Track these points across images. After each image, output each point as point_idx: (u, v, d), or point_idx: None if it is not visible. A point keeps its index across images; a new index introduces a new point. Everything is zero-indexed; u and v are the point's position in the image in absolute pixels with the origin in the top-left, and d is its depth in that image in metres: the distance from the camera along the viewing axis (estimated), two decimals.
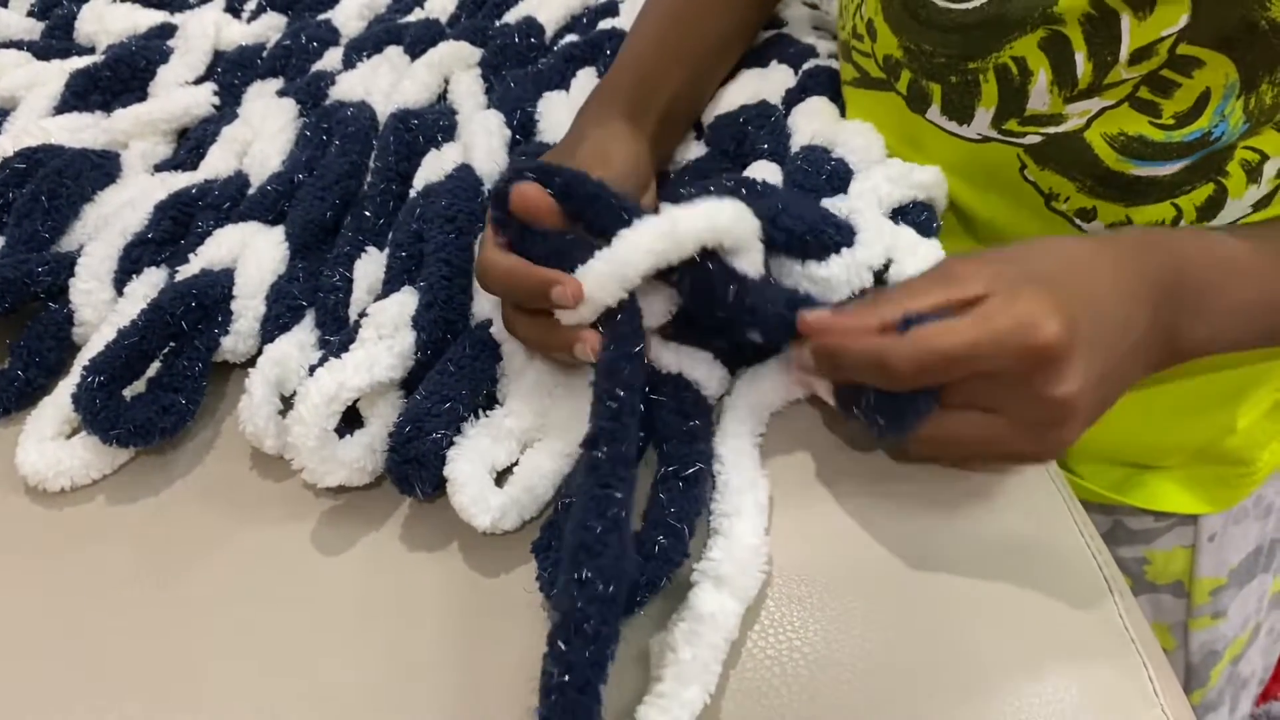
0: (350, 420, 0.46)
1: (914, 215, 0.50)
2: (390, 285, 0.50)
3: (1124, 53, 0.44)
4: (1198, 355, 0.45)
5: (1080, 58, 0.45)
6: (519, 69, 0.64)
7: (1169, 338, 0.43)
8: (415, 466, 0.43)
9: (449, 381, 0.45)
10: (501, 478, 0.44)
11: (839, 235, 0.45)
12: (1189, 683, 0.70)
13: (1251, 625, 0.70)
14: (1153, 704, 0.39)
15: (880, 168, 0.51)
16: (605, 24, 0.68)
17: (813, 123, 0.56)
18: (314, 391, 0.43)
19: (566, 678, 0.32)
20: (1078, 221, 0.50)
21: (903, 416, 0.39)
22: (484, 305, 0.49)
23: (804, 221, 0.44)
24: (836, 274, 0.44)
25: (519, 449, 0.45)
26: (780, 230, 0.44)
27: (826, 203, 0.48)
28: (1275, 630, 0.73)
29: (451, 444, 0.44)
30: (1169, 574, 0.65)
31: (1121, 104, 0.46)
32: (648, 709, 0.36)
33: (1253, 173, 0.46)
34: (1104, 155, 0.47)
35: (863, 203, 0.49)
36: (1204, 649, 0.68)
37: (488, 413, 0.45)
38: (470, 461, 0.43)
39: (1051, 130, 0.48)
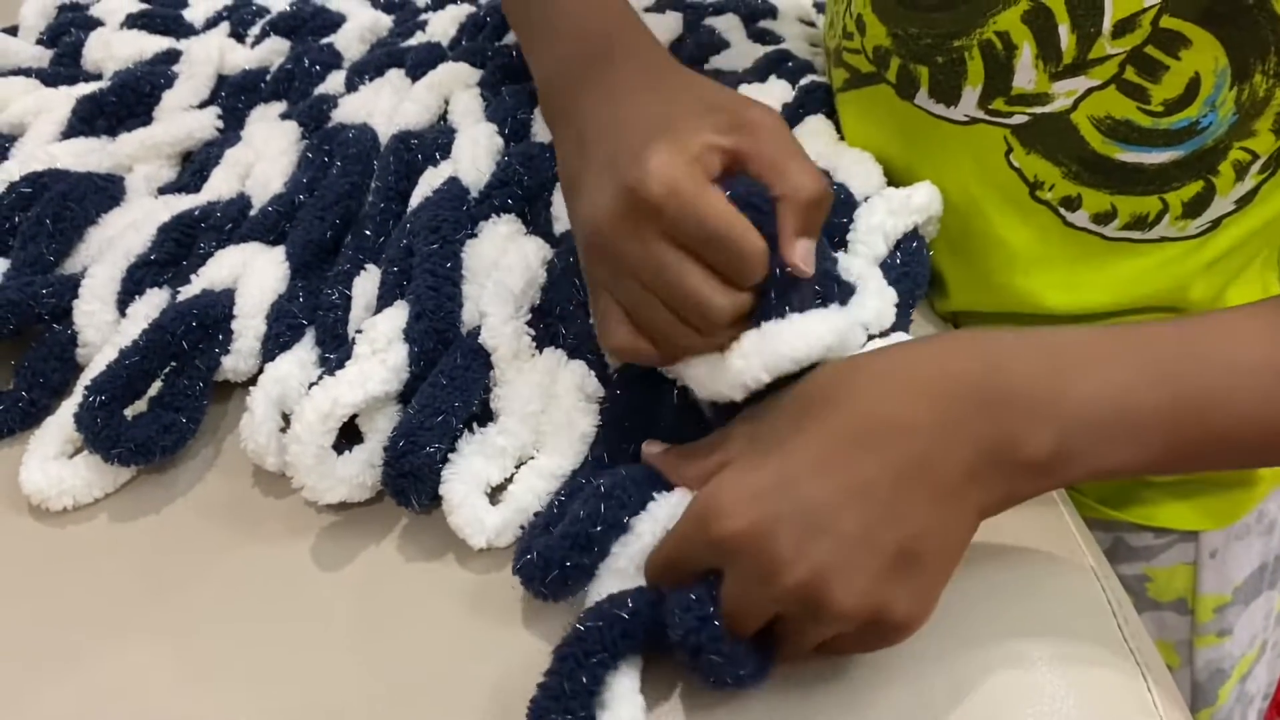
0: (351, 436, 0.46)
1: (906, 248, 0.51)
2: (383, 301, 0.50)
3: (1107, 24, 0.45)
4: (1075, 468, 0.37)
5: (1064, 30, 0.46)
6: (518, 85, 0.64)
7: (1009, 450, 0.36)
8: (411, 480, 0.43)
9: (440, 394, 0.45)
10: (498, 490, 0.45)
11: (839, 291, 0.45)
12: (1196, 702, 0.69)
13: (1259, 643, 0.70)
14: (1152, 715, 0.39)
15: (881, 200, 0.52)
16: None
17: (814, 144, 0.57)
18: (309, 409, 0.44)
19: None
20: (1062, 211, 0.51)
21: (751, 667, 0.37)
22: (472, 312, 0.49)
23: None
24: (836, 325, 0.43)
25: (512, 464, 0.46)
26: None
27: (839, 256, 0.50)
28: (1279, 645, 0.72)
29: (446, 457, 0.44)
30: (1171, 591, 0.65)
31: (1109, 85, 0.47)
32: None
33: (1241, 171, 0.47)
34: (1090, 138, 0.48)
35: (868, 248, 0.50)
36: (1210, 667, 0.68)
37: (481, 428, 0.46)
38: (464, 482, 0.44)
39: (1038, 110, 0.49)
